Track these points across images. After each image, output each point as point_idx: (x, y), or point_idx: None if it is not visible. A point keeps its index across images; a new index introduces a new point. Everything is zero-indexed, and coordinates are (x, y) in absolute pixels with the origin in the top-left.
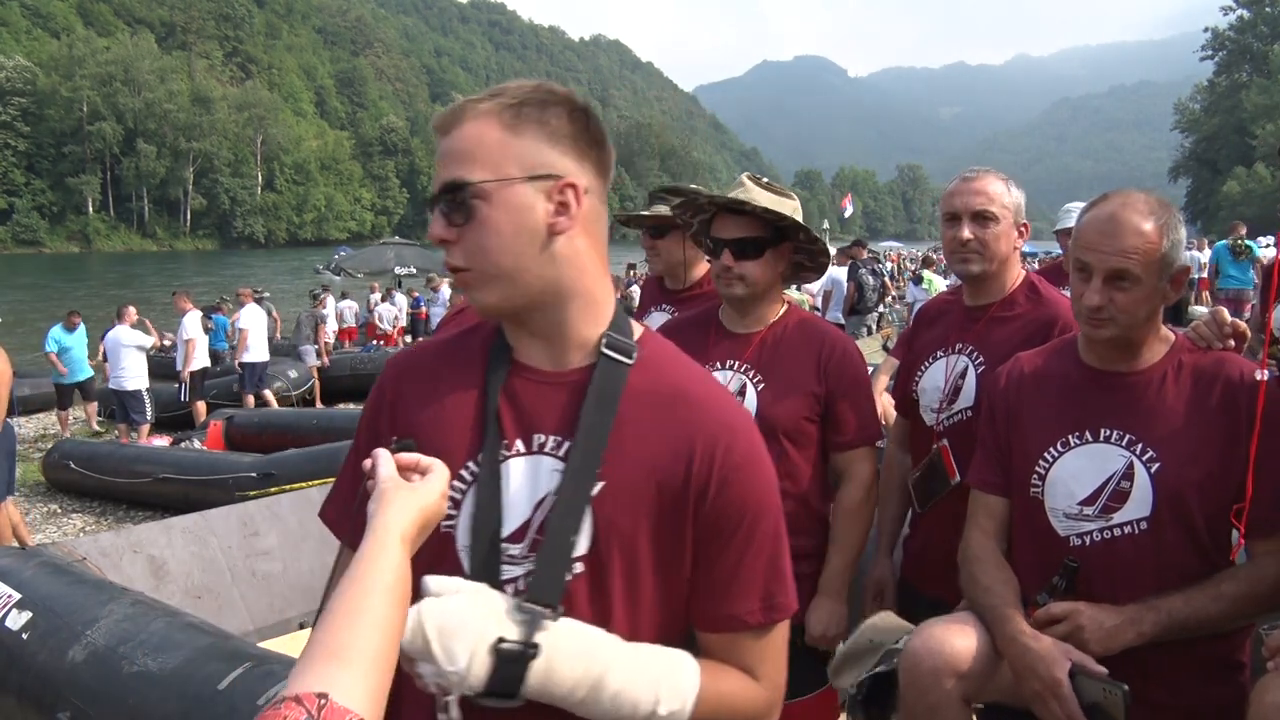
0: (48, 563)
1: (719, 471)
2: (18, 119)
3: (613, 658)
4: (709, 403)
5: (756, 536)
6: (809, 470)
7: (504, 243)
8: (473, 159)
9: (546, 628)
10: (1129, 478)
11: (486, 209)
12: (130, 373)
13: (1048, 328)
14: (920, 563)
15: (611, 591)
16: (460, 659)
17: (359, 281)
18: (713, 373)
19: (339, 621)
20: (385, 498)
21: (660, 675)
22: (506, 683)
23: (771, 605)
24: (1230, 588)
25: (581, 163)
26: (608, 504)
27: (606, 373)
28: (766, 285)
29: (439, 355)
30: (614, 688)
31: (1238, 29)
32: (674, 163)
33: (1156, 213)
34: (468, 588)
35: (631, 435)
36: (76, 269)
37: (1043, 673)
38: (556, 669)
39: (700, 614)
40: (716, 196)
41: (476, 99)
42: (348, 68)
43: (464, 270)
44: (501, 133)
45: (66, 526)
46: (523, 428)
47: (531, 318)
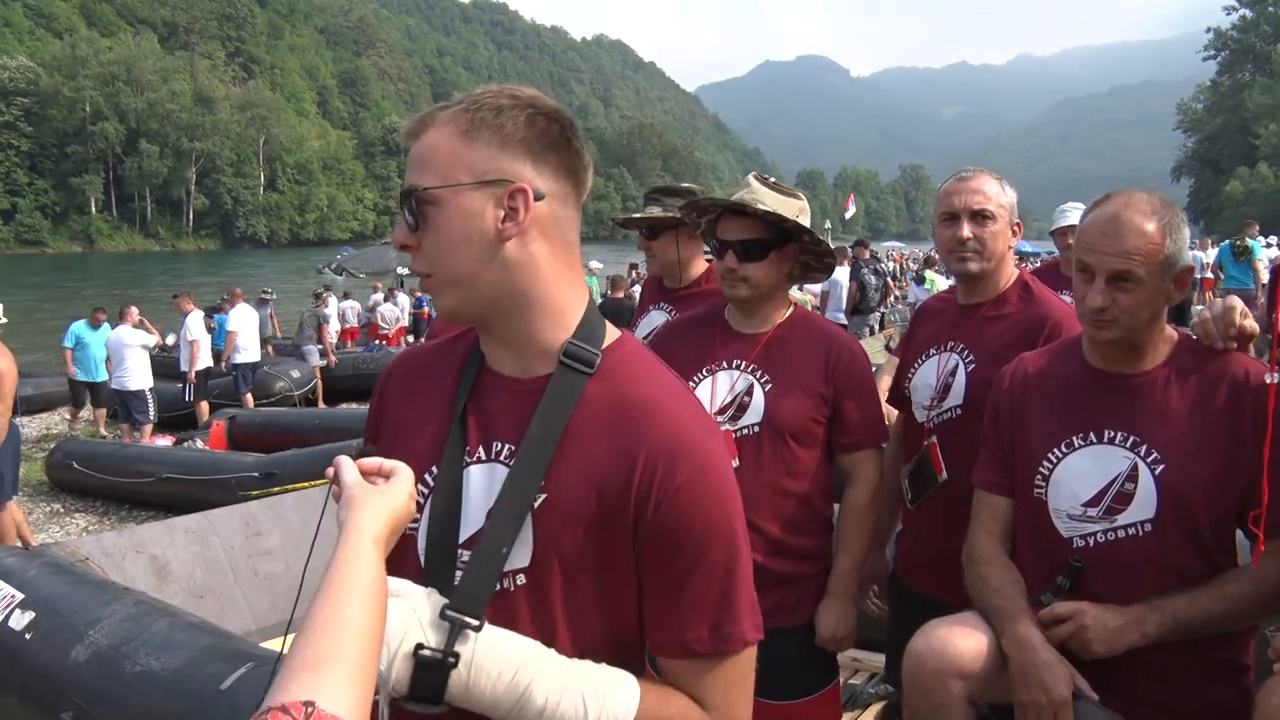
0: (51, 563)
1: (661, 485)
2: (21, 119)
3: (540, 670)
4: (666, 416)
5: (705, 560)
6: (814, 471)
7: (455, 249)
8: (426, 166)
9: (469, 637)
10: (1133, 479)
11: (437, 215)
12: (133, 373)
13: (1038, 327)
14: (910, 559)
15: (553, 605)
16: (380, 661)
17: (362, 281)
18: (719, 372)
19: (319, 630)
20: (354, 502)
21: (592, 691)
22: (428, 689)
23: (721, 634)
24: (1235, 589)
25: (539, 167)
26: (549, 516)
27: (561, 382)
28: (771, 286)
29: (425, 360)
30: (540, 702)
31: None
32: (676, 163)
33: (1159, 213)
34: (406, 590)
35: (580, 447)
36: (81, 269)
37: (1049, 687)
38: (477, 679)
39: (651, 637)
40: (719, 198)
41: (441, 106)
42: (350, 68)
43: (425, 275)
44: (455, 140)
45: (69, 526)
46: (485, 435)
47: (493, 324)
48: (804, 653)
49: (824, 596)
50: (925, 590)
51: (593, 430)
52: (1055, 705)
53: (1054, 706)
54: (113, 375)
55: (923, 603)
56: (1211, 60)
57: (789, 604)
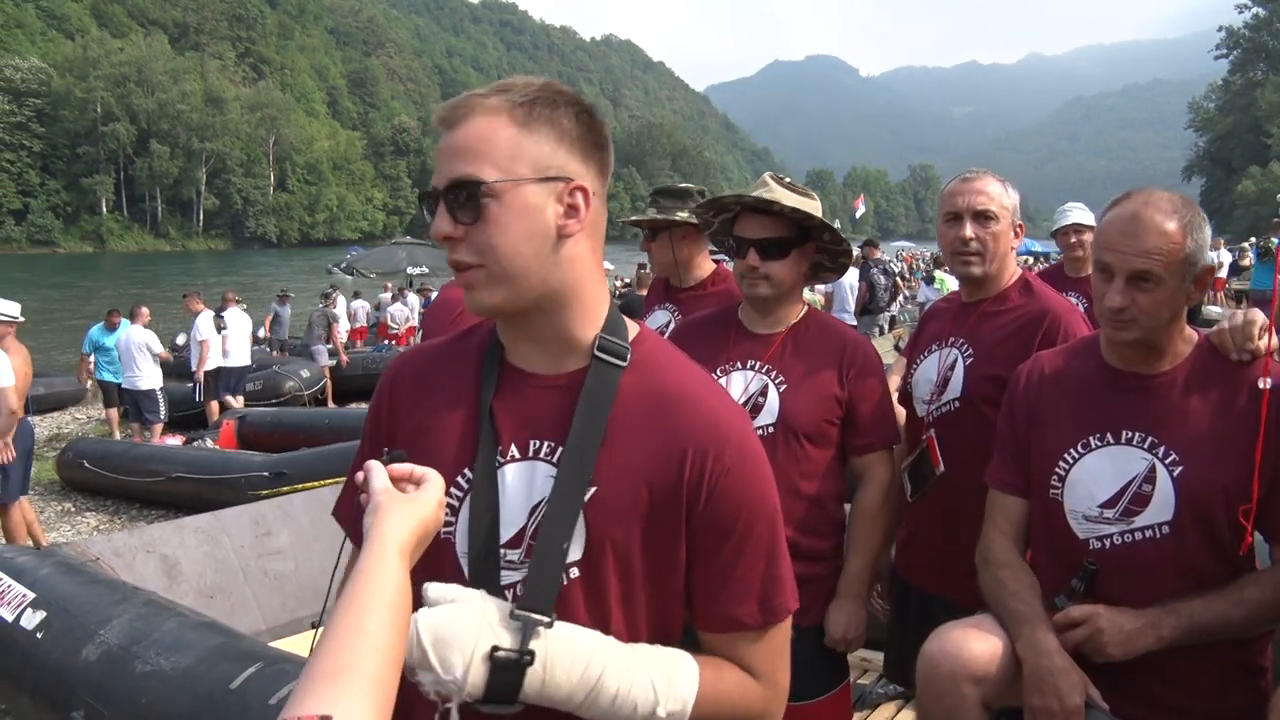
0: (62, 562)
1: (711, 475)
2: (33, 120)
3: (610, 660)
4: (702, 405)
5: (752, 538)
6: (827, 472)
7: (514, 243)
8: (482, 156)
9: (541, 634)
10: (1150, 480)
11: (497, 208)
12: (144, 372)
13: (1037, 321)
14: (908, 554)
15: (607, 596)
16: (456, 668)
17: (372, 281)
18: (733, 372)
19: (339, 641)
20: (381, 510)
21: (659, 675)
22: (504, 690)
23: (769, 607)
24: (1253, 592)
25: (587, 165)
26: (600, 509)
27: (599, 376)
28: (791, 285)
29: (435, 359)
30: (612, 690)
31: (1253, 27)
32: (685, 163)
33: (1180, 212)
34: (464, 595)
35: (624, 439)
36: (95, 269)
37: (1062, 694)
38: (553, 675)
39: (699, 614)
40: (744, 196)
41: (482, 94)
42: (360, 68)
43: (472, 267)
44: (514, 131)
45: (80, 525)
46: (518, 433)
47: (530, 320)
48: (815, 653)
49: (834, 597)
50: (923, 585)
51: (633, 421)
52: (1068, 713)
53: (1066, 714)
54: (124, 375)
55: (921, 598)
56: (1223, 59)
57: (800, 605)
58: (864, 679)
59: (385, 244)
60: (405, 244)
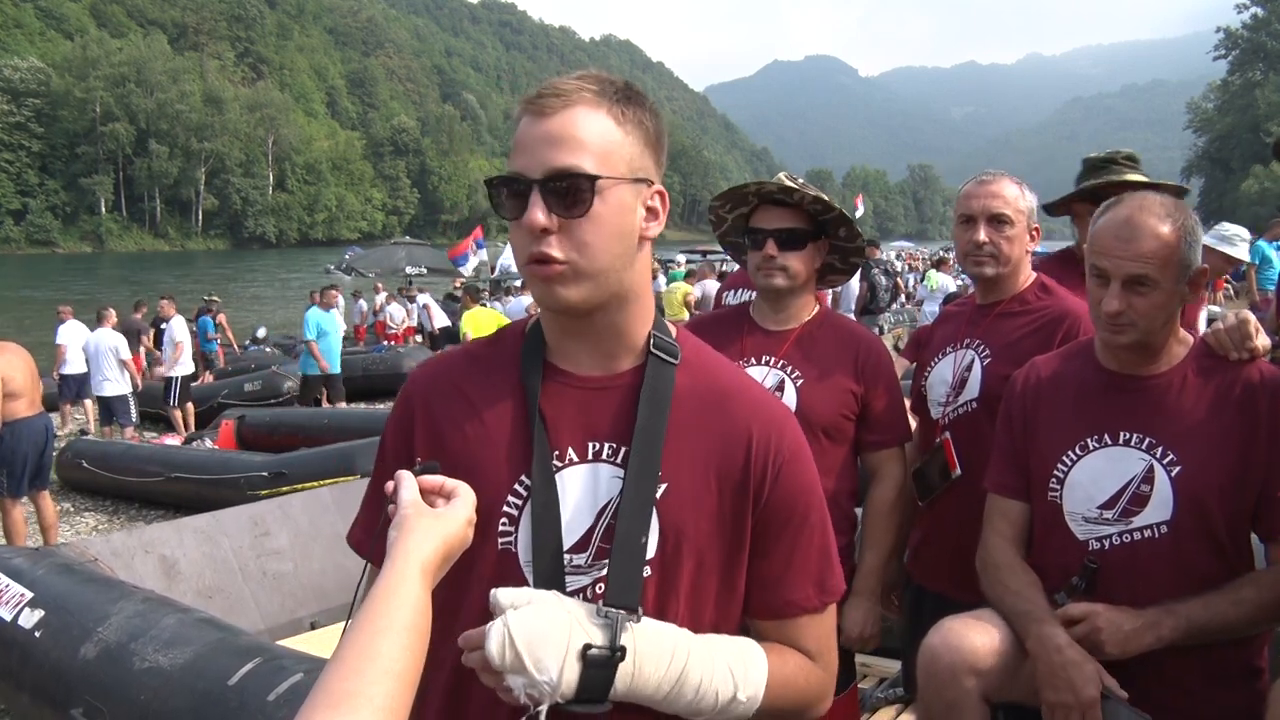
0: (60, 562)
1: (775, 462)
2: (32, 120)
3: (692, 652)
4: (755, 397)
5: (809, 523)
6: (841, 469)
7: (608, 241)
8: (585, 149)
9: (630, 630)
10: (1149, 481)
11: (600, 205)
12: (113, 377)
13: (1057, 323)
14: (922, 558)
15: (678, 590)
16: (551, 668)
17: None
18: (747, 368)
19: (348, 665)
20: (406, 525)
21: (736, 663)
22: (596, 688)
23: (826, 588)
24: (1251, 593)
25: (659, 168)
26: (672, 504)
27: (656, 374)
28: (805, 279)
29: (470, 367)
30: (696, 681)
31: (1252, 27)
32: (685, 162)
33: (1173, 214)
34: (540, 597)
35: (686, 434)
36: (95, 269)
37: (1077, 687)
38: (643, 670)
39: (758, 602)
40: (765, 183)
41: (579, 83)
42: (359, 68)
43: (558, 263)
44: (614, 127)
45: (79, 525)
46: (576, 436)
47: (598, 318)
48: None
49: (850, 595)
50: (941, 589)
51: (691, 416)
52: (1084, 705)
53: (1082, 707)
54: (92, 380)
55: (937, 601)
56: (1222, 60)
57: None
58: (864, 683)
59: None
60: (404, 244)
